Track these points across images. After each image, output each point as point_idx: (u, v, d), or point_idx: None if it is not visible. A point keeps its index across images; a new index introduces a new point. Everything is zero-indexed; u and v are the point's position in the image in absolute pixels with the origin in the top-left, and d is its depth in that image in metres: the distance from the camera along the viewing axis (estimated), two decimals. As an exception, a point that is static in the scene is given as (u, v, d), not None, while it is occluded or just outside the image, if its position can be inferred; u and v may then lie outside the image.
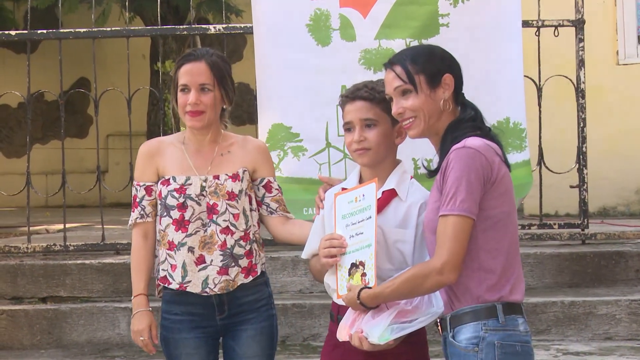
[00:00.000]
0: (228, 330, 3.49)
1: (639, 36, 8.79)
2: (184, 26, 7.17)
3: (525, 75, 5.97)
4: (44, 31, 6.62)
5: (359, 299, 2.92)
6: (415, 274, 2.86)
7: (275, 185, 3.56)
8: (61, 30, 6.61)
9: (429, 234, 2.93)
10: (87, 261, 6.05)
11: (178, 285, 3.43)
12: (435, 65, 2.99)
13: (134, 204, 3.52)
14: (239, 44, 12.85)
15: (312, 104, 5.81)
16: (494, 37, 5.81)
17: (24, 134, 8.75)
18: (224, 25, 6.56)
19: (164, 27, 6.94)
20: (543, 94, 6.32)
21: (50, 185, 11.47)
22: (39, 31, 6.59)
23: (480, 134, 2.93)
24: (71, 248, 6.30)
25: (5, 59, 13.47)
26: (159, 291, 3.53)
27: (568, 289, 5.94)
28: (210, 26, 6.74)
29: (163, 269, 3.47)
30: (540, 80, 6.31)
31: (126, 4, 7.06)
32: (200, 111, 3.42)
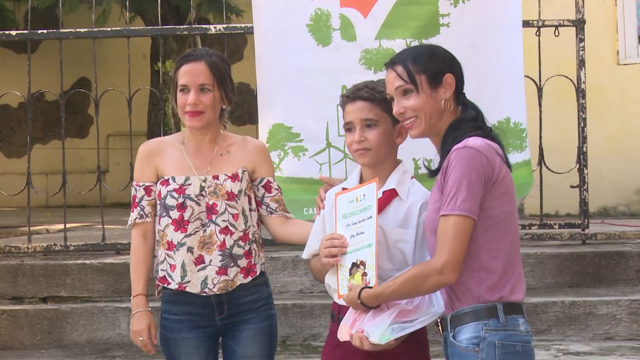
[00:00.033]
0: (227, 330, 3.49)
1: (639, 36, 8.79)
2: (185, 26, 7.16)
3: (525, 75, 5.97)
4: (45, 31, 6.62)
5: (359, 299, 2.92)
6: (415, 274, 2.86)
7: (274, 185, 3.56)
8: (62, 30, 6.60)
9: (430, 233, 2.93)
10: (88, 261, 6.05)
11: (177, 286, 3.43)
12: (437, 65, 2.99)
13: (133, 204, 3.52)
14: (239, 44, 12.84)
15: (313, 104, 5.81)
16: (495, 37, 5.81)
17: (25, 134, 8.75)
18: (224, 25, 6.55)
19: (165, 27, 6.93)
20: (543, 94, 6.31)
21: (50, 185, 11.46)
22: (40, 31, 6.59)
23: (481, 133, 2.93)
24: (72, 248, 6.29)
25: (5, 59, 13.46)
26: (159, 291, 3.52)
27: (568, 289, 5.93)
28: (211, 26, 6.73)
29: (162, 269, 3.47)
30: (540, 80, 6.31)
31: (127, 4, 7.05)
32: (199, 111, 3.42)
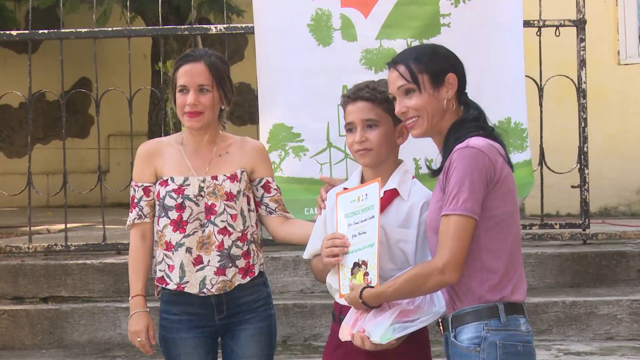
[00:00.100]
0: (227, 331, 3.49)
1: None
2: (185, 26, 7.15)
3: (526, 75, 5.96)
4: (45, 31, 6.61)
5: (361, 298, 2.93)
6: (417, 274, 2.86)
7: (273, 185, 3.56)
8: (62, 30, 6.60)
9: (432, 233, 2.93)
10: (89, 261, 6.05)
11: (176, 286, 3.44)
12: (439, 64, 2.99)
13: (132, 204, 3.53)
14: (240, 44, 12.84)
15: (313, 104, 5.80)
16: (495, 37, 5.80)
17: (25, 134, 8.75)
18: (225, 25, 6.54)
19: (165, 27, 6.93)
20: (544, 94, 6.31)
21: (51, 185, 11.46)
22: (40, 31, 6.59)
23: (483, 133, 2.93)
24: (72, 248, 6.29)
25: (6, 59, 13.45)
26: (158, 292, 3.53)
27: (569, 289, 5.93)
28: (212, 26, 6.72)
29: (160, 270, 3.47)
30: (541, 80, 6.31)
31: (127, 4, 7.05)
32: (198, 112, 3.42)
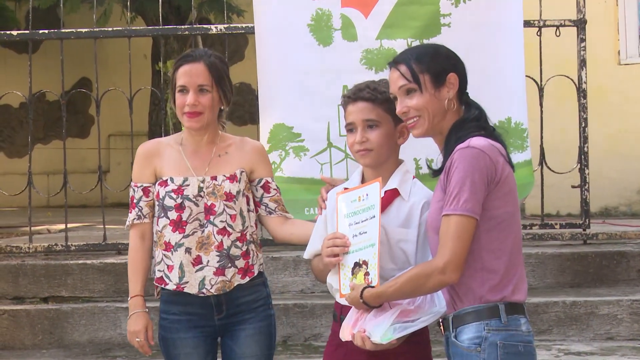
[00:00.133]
0: (226, 331, 3.49)
1: (640, 36, 8.80)
2: (186, 26, 7.14)
3: (526, 75, 5.96)
4: (46, 31, 6.61)
5: (362, 298, 2.93)
6: (417, 274, 2.86)
7: (273, 185, 3.57)
8: (63, 30, 6.60)
9: (432, 233, 2.93)
10: (89, 261, 6.05)
11: (175, 286, 3.44)
12: (440, 64, 2.99)
13: (131, 205, 3.53)
14: (240, 44, 12.83)
15: (314, 104, 5.80)
16: (496, 37, 5.80)
17: (26, 134, 8.75)
18: (225, 25, 6.54)
19: (166, 27, 6.92)
20: (544, 94, 6.31)
21: (51, 185, 11.45)
22: (41, 31, 6.59)
23: (484, 133, 2.93)
24: (73, 248, 6.29)
25: (6, 59, 13.45)
26: (158, 292, 3.53)
27: (569, 289, 5.93)
28: (212, 26, 6.71)
29: (159, 270, 3.48)
30: (541, 80, 6.30)
31: (127, 4, 7.05)
32: (198, 112, 3.43)
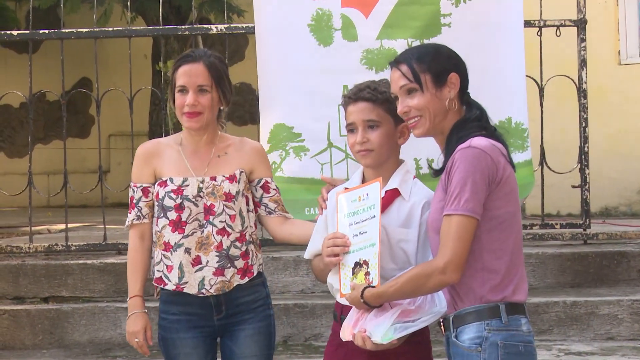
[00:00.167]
0: (226, 331, 3.50)
1: (640, 36, 8.80)
2: (186, 26, 7.14)
3: (527, 75, 5.96)
4: (46, 31, 6.61)
5: (362, 298, 2.93)
6: (418, 274, 2.86)
7: (272, 185, 3.57)
8: (63, 30, 6.59)
9: (433, 233, 2.93)
10: (89, 261, 6.05)
11: (175, 286, 3.44)
12: (441, 64, 2.99)
13: (130, 205, 3.54)
14: (240, 44, 12.83)
15: (314, 104, 5.80)
16: (496, 37, 5.80)
17: (26, 134, 8.74)
18: (225, 25, 6.54)
19: (166, 27, 6.92)
20: (545, 94, 6.31)
21: (52, 185, 11.44)
22: (41, 31, 6.58)
23: (485, 133, 2.93)
24: (73, 248, 6.29)
25: (7, 59, 13.45)
26: (157, 292, 3.53)
27: (570, 289, 5.93)
28: (212, 26, 6.71)
29: (158, 270, 3.48)
30: (542, 80, 6.30)
31: (128, 4, 7.04)
32: (197, 112, 3.43)
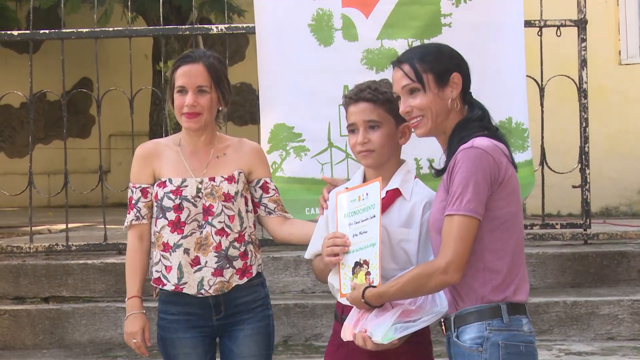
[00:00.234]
0: (225, 331, 3.50)
1: (641, 36, 8.80)
2: (187, 26, 7.13)
3: (527, 75, 5.96)
4: (47, 31, 6.61)
5: (363, 298, 2.93)
6: (419, 274, 2.86)
7: (272, 185, 3.58)
8: (63, 30, 6.59)
9: (435, 233, 2.93)
10: (90, 261, 6.05)
11: (174, 287, 3.45)
12: (444, 64, 2.99)
13: (129, 206, 3.54)
14: (241, 44, 12.83)
15: (314, 104, 5.80)
16: (496, 37, 5.80)
17: (27, 134, 8.76)
18: (226, 25, 6.54)
19: (167, 27, 6.92)
20: (545, 94, 6.31)
21: (52, 185, 11.46)
22: (42, 31, 6.59)
23: (487, 133, 2.93)
24: (73, 248, 6.29)
25: (7, 59, 13.45)
26: (157, 293, 3.54)
27: (570, 289, 5.93)
28: (213, 26, 6.70)
29: (157, 271, 3.48)
30: (542, 80, 6.30)
31: (128, 4, 7.04)
32: (197, 113, 3.44)
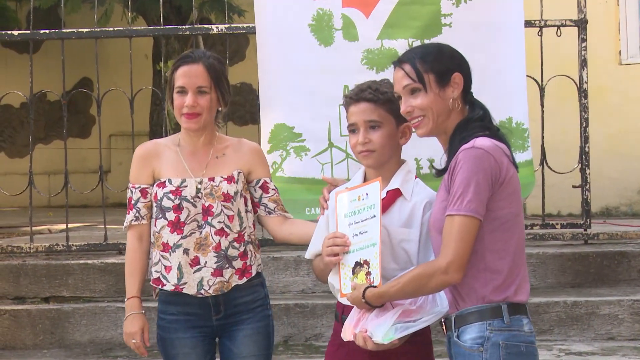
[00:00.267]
0: (224, 331, 3.50)
1: (641, 36, 8.80)
2: (187, 26, 7.13)
3: (527, 75, 5.96)
4: (47, 31, 6.61)
5: (364, 298, 2.93)
6: (420, 274, 2.86)
7: (271, 185, 3.58)
8: (64, 30, 6.59)
9: (436, 233, 2.93)
10: (90, 261, 6.05)
11: (173, 287, 3.45)
12: (445, 64, 2.99)
13: (129, 206, 3.54)
14: (241, 44, 12.83)
15: (315, 104, 5.80)
16: (497, 37, 5.80)
17: (27, 134, 8.76)
18: (226, 25, 6.54)
19: (167, 27, 6.92)
20: (545, 94, 6.31)
21: (52, 185, 11.46)
22: (42, 31, 6.58)
23: (488, 134, 2.93)
24: (74, 248, 6.29)
25: (7, 59, 13.45)
26: (157, 293, 3.54)
27: (570, 289, 5.93)
28: (213, 26, 6.70)
29: (156, 271, 3.49)
30: (542, 80, 6.30)
31: (129, 4, 7.04)
32: (196, 113, 3.44)
